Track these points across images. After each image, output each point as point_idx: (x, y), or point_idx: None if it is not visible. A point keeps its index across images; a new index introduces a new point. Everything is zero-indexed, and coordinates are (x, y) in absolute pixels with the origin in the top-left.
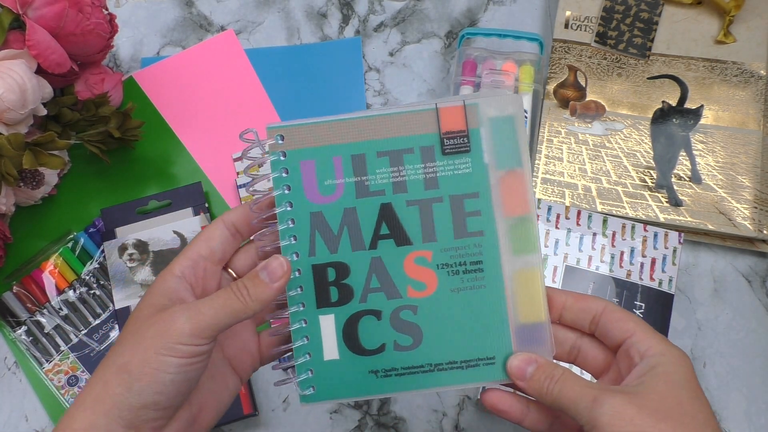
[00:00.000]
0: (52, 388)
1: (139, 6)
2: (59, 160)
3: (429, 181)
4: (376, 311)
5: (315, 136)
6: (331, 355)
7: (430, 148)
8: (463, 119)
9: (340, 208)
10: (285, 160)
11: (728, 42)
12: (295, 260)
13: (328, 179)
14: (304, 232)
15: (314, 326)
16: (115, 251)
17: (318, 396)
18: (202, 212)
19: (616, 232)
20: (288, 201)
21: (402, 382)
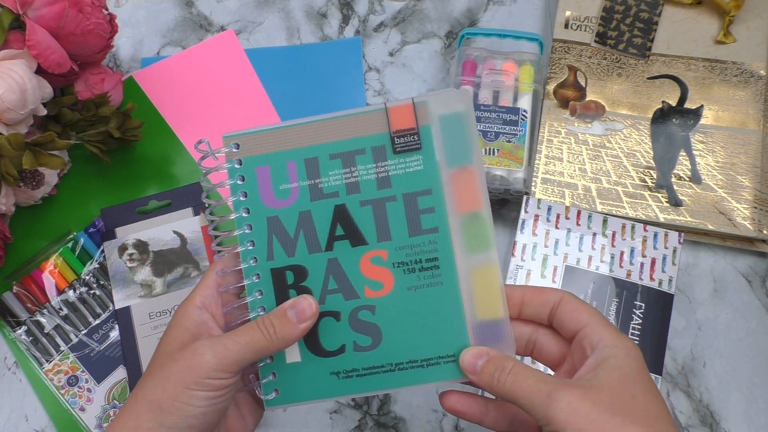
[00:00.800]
0: (52, 388)
1: (139, 6)
2: (59, 160)
3: (381, 180)
4: (335, 312)
5: (269, 142)
6: (293, 357)
7: (381, 148)
8: (413, 117)
9: (295, 211)
10: (240, 168)
11: (728, 42)
12: (253, 265)
13: (282, 184)
14: (262, 236)
15: None
16: (115, 251)
17: (281, 399)
18: (202, 212)
19: (616, 232)
20: (245, 207)
21: (364, 383)
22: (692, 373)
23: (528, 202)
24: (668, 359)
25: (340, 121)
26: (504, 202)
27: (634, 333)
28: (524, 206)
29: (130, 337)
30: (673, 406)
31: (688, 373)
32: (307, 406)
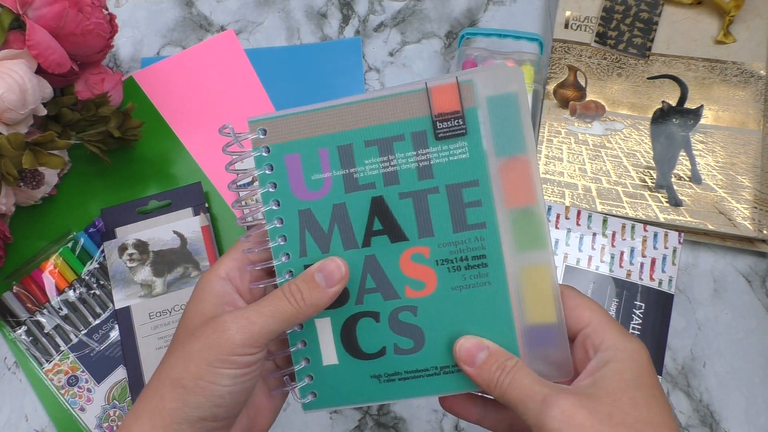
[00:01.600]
0: (52, 388)
1: (139, 6)
2: (59, 159)
3: (422, 170)
4: (374, 313)
5: (299, 127)
6: (330, 360)
7: (421, 134)
8: (457, 98)
9: (329, 204)
10: (269, 156)
11: (728, 42)
12: (285, 262)
13: (315, 174)
14: (294, 231)
15: (310, 330)
16: (115, 251)
17: (319, 403)
18: (202, 212)
19: (616, 232)
20: (275, 199)
21: (406, 387)
22: (692, 373)
23: None
24: (668, 359)
25: (377, 104)
26: None
27: (634, 333)
28: None
29: (130, 337)
30: (673, 406)
31: (688, 373)
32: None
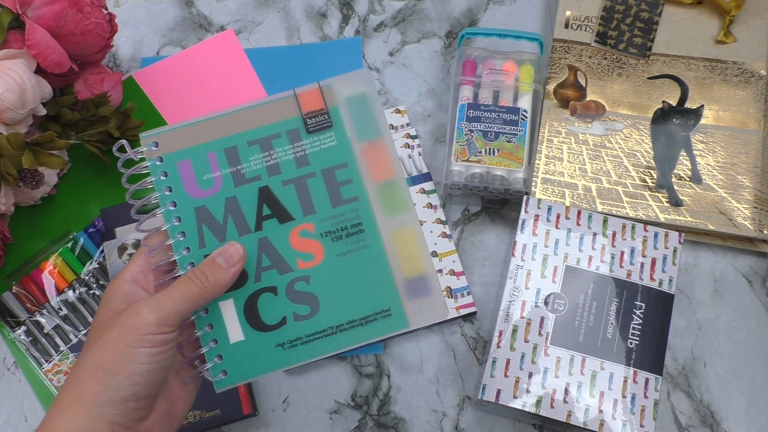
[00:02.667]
0: (52, 388)
1: (138, 6)
2: (59, 159)
3: (299, 159)
4: (272, 287)
5: (187, 137)
6: (237, 337)
7: (295, 130)
8: (321, 99)
9: (221, 198)
10: (162, 164)
11: (728, 42)
12: (186, 255)
13: (205, 174)
14: (191, 226)
15: (215, 313)
16: (115, 251)
17: (231, 379)
18: None
19: (616, 232)
20: (171, 201)
21: (309, 349)
22: (693, 373)
23: (528, 202)
24: (669, 359)
25: (254, 111)
26: (504, 202)
27: (635, 333)
28: (524, 206)
29: None
30: (674, 406)
31: (689, 373)
32: (307, 406)
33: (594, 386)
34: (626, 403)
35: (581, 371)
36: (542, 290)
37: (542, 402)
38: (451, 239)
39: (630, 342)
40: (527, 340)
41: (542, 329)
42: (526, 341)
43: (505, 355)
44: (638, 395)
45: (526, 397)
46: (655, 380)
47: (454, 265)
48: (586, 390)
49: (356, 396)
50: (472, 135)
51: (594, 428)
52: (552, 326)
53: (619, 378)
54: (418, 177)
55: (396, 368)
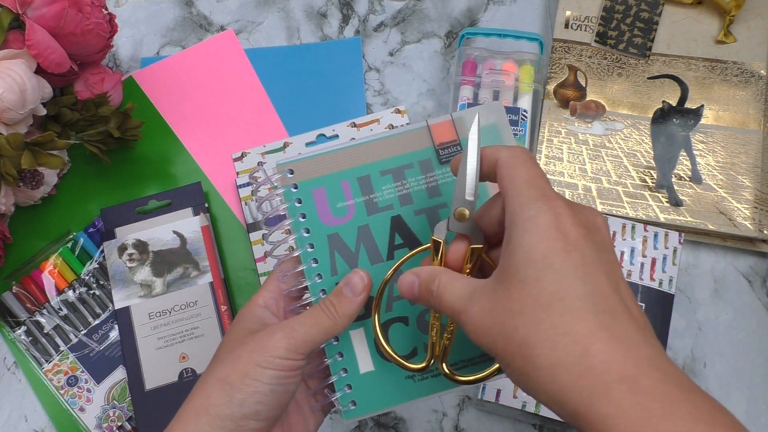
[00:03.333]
0: (52, 388)
1: (138, 6)
2: (59, 159)
3: (431, 189)
4: (403, 318)
5: (321, 166)
6: (367, 367)
7: (427, 161)
8: (453, 131)
9: (354, 226)
10: (297, 192)
11: (728, 42)
12: (318, 282)
13: (339, 202)
14: (324, 253)
15: (346, 342)
16: (115, 251)
17: (360, 410)
18: (202, 212)
19: (616, 232)
20: (305, 227)
21: (440, 382)
22: (693, 373)
23: None
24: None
25: (386, 141)
26: None
27: None
28: None
29: (129, 337)
30: None
31: (689, 373)
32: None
33: None
34: None
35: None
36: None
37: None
38: None
39: None
40: None
41: None
42: None
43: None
44: None
45: (526, 397)
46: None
47: None
48: None
49: None
50: None
51: None
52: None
53: None
54: None
55: None
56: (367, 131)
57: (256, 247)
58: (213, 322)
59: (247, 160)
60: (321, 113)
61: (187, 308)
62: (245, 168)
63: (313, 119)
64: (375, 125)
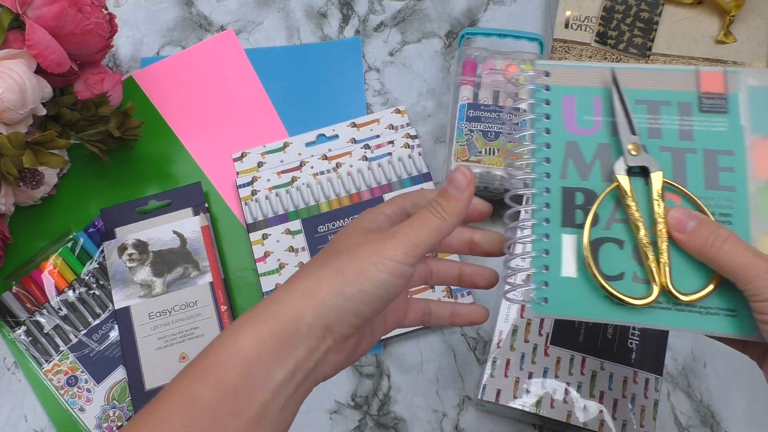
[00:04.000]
0: (52, 388)
1: (138, 6)
2: (59, 159)
3: (684, 132)
4: (619, 240)
5: (579, 76)
6: (569, 272)
7: (687, 104)
8: (723, 84)
9: (595, 141)
10: (548, 93)
11: (729, 42)
12: (546, 180)
13: (586, 115)
14: (559, 156)
15: (556, 242)
16: (115, 251)
17: (550, 309)
18: (201, 212)
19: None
20: (545, 128)
21: (635, 314)
22: (693, 373)
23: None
24: (669, 359)
25: (649, 73)
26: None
27: (635, 333)
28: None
29: (129, 337)
30: (674, 407)
31: (689, 373)
32: (307, 406)
33: (594, 386)
34: (626, 403)
35: (581, 371)
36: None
37: (542, 402)
38: None
39: (630, 342)
40: (527, 340)
41: (542, 329)
42: (526, 341)
43: (505, 355)
44: (638, 395)
45: (526, 397)
46: (655, 380)
47: None
48: (586, 390)
49: (356, 396)
50: (472, 135)
51: (594, 428)
52: (552, 326)
53: (619, 378)
54: (418, 177)
55: (396, 368)
56: (367, 131)
57: (256, 247)
58: (213, 322)
59: (247, 160)
60: (321, 113)
61: (187, 308)
62: (245, 168)
63: (313, 119)
64: (375, 125)
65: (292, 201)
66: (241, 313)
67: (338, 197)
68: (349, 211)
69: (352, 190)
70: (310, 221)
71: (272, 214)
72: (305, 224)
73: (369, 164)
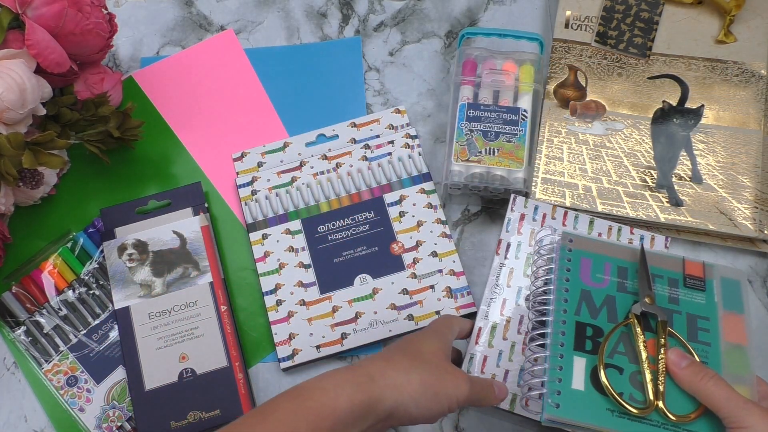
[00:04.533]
0: (52, 388)
1: (138, 6)
2: (59, 159)
3: (672, 299)
4: (619, 368)
5: (595, 246)
6: (578, 386)
7: (675, 280)
8: (702, 271)
9: (603, 293)
10: (570, 253)
11: (729, 42)
12: (563, 314)
13: (598, 273)
14: (574, 299)
15: (568, 362)
16: (115, 251)
17: (561, 412)
18: (201, 212)
19: (601, 234)
20: (566, 277)
21: (632, 427)
22: None
23: (515, 201)
24: None
25: (649, 256)
26: (504, 202)
27: None
28: (511, 205)
29: (129, 337)
30: None
31: None
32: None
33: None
34: None
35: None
36: (523, 289)
37: (517, 400)
38: (451, 239)
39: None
40: (505, 338)
41: (521, 328)
42: (505, 339)
43: (482, 351)
44: None
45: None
46: None
47: (454, 265)
48: None
49: None
50: (472, 135)
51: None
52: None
53: None
54: (418, 177)
55: None
56: (367, 131)
57: (255, 247)
58: (213, 322)
59: (247, 160)
60: (321, 113)
61: (187, 308)
62: (245, 168)
63: (313, 119)
64: (375, 125)
65: (292, 201)
66: (240, 312)
67: (338, 197)
68: (349, 210)
69: (352, 190)
70: (310, 221)
71: (272, 214)
72: (305, 224)
73: (369, 164)
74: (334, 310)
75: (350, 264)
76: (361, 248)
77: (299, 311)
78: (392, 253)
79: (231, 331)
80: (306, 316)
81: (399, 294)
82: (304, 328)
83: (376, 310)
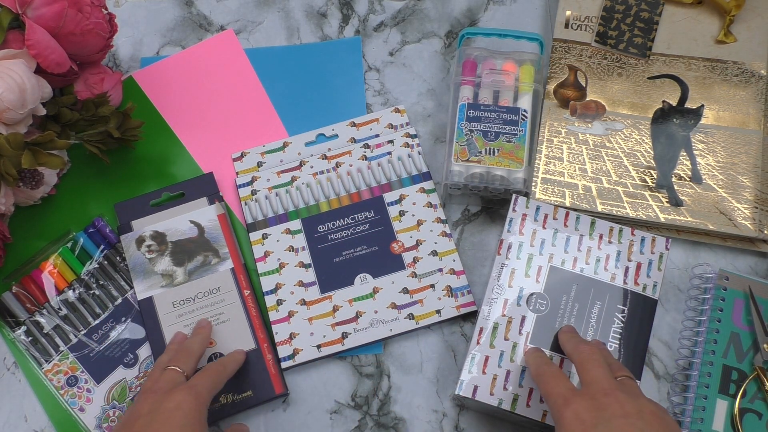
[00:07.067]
0: (52, 388)
1: (138, 6)
2: (59, 159)
3: None
4: (758, 413)
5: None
6: (718, 428)
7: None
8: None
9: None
10: (725, 293)
11: (729, 42)
12: (712, 356)
13: (750, 316)
14: (723, 341)
15: (711, 405)
16: (133, 243)
17: None
18: (217, 201)
19: (603, 235)
20: (717, 318)
21: None
22: None
23: (517, 201)
24: (669, 359)
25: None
26: (504, 202)
27: (615, 336)
28: (512, 205)
29: (155, 326)
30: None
31: None
32: (307, 406)
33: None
34: None
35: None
36: (525, 289)
37: (518, 400)
38: (451, 238)
39: (610, 345)
40: (507, 338)
41: (522, 328)
42: (506, 339)
43: (484, 351)
44: None
45: (503, 395)
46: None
47: (454, 264)
48: None
49: (356, 396)
50: (472, 135)
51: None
52: (533, 326)
53: None
54: (418, 176)
55: (396, 368)
56: (366, 131)
57: (255, 246)
58: (237, 307)
59: (246, 160)
60: (321, 113)
61: (211, 295)
62: (245, 168)
63: (313, 119)
64: (374, 124)
65: (291, 201)
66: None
67: (338, 197)
68: (349, 210)
69: (351, 189)
70: (309, 221)
71: (272, 214)
72: (305, 224)
73: (369, 164)
74: (335, 310)
75: (350, 263)
76: (361, 247)
77: (300, 311)
78: (392, 253)
79: (256, 314)
80: (306, 315)
81: (399, 293)
82: (304, 328)
83: (377, 309)
